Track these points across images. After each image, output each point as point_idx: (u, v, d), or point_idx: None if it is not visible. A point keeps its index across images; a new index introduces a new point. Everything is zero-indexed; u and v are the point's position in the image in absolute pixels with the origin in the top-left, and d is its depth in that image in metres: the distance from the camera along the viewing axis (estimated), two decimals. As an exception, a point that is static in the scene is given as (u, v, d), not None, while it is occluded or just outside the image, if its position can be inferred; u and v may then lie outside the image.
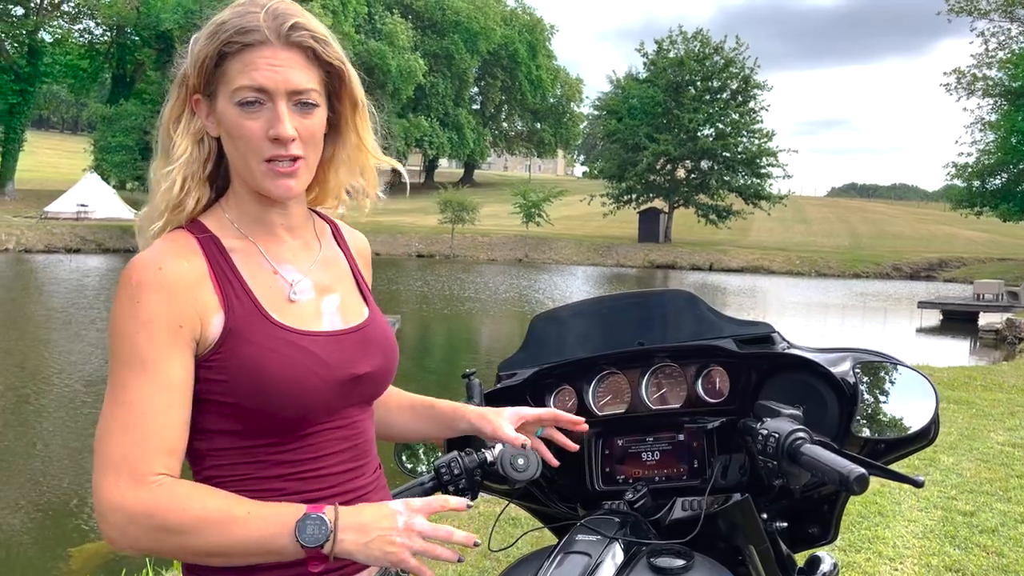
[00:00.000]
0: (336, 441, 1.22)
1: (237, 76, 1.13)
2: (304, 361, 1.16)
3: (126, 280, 1.12)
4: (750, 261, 43.69)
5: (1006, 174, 39.93)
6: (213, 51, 1.14)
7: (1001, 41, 37.74)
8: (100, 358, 12.69)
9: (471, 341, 18.17)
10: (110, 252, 35.86)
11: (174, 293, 1.11)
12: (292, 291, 1.22)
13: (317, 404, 1.18)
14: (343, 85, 1.21)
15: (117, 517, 1.06)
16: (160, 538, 1.06)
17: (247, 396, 1.13)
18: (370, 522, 1.09)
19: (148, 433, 1.08)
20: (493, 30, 67.27)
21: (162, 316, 1.10)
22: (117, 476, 1.06)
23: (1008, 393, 8.66)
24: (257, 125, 1.14)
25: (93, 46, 48.70)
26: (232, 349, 1.13)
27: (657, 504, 1.59)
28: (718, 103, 50.88)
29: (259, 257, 1.22)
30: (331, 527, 1.07)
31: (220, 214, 1.23)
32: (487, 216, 49.25)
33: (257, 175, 1.17)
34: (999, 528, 4.44)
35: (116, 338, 1.11)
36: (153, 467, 1.08)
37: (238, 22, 1.13)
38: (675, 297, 1.75)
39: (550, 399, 1.75)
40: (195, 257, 1.16)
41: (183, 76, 1.19)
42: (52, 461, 7.45)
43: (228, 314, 1.14)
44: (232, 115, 1.14)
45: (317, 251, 1.30)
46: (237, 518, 1.07)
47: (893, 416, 1.53)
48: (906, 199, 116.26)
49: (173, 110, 1.21)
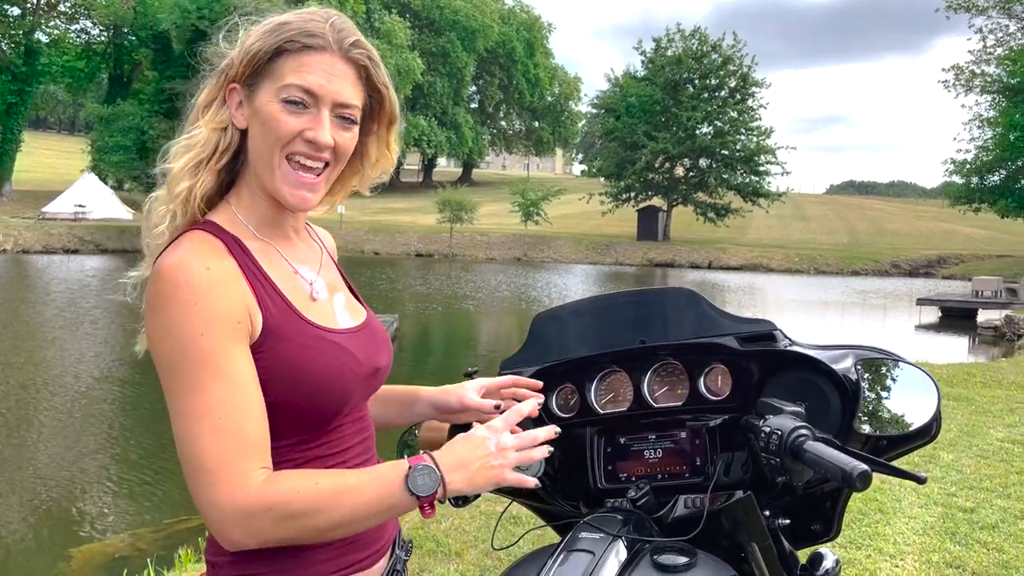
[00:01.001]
0: (353, 434, 1.25)
1: (289, 73, 1.15)
2: (340, 356, 1.19)
3: (174, 283, 1.09)
4: (749, 259, 43.68)
5: (1004, 170, 39.94)
6: (271, 45, 1.16)
7: (999, 38, 37.79)
8: (99, 358, 12.69)
9: (470, 340, 18.16)
10: (108, 253, 35.79)
11: (226, 290, 1.11)
12: (313, 290, 1.25)
13: (351, 397, 1.22)
14: (382, 107, 1.25)
15: (238, 518, 1.06)
16: (285, 526, 1.07)
17: (288, 394, 1.14)
18: (468, 456, 1.14)
19: (238, 433, 1.08)
20: (491, 28, 67.23)
21: (222, 314, 1.09)
22: (221, 481, 1.06)
23: (1007, 390, 8.67)
24: (296, 122, 1.15)
25: (90, 46, 48.62)
26: (271, 348, 1.14)
27: (659, 502, 1.59)
28: (716, 101, 50.86)
29: (279, 257, 1.23)
30: (439, 472, 1.10)
31: (231, 213, 1.23)
32: (486, 215, 49.24)
33: (277, 178, 1.17)
34: (999, 524, 4.44)
35: (178, 343, 1.08)
36: (252, 464, 1.08)
37: (303, 25, 1.17)
38: (677, 295, 1.75)
39: (552, 397, 1.75)
40: (228, 257, 1.16)
41: (226, 65, 1.20)
42: (51, 462, 7.45)
43: (265, 314, 1.15)
44: (273, 109, 1.16)
45: (319, 252, 1.34)
46: (351, 487, 1.09)
47: (895, 413, 1.53)
48: (904, 196, 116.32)
49: (207, 96, 1.22)
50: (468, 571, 3.80)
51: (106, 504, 6.44)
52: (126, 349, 14.09)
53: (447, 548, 4.02)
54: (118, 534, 5.67)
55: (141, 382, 11.10)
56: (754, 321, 1.63)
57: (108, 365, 12.34)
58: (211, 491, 1.06)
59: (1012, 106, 37.78)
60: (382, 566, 1.27)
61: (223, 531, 1.07)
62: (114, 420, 9.13)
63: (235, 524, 1.06)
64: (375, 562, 1.26)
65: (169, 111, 38.69)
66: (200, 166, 1.20)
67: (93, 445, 8.05)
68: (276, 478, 1.09)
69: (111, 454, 7.79)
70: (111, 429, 8.73)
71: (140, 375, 11.55)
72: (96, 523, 6.02)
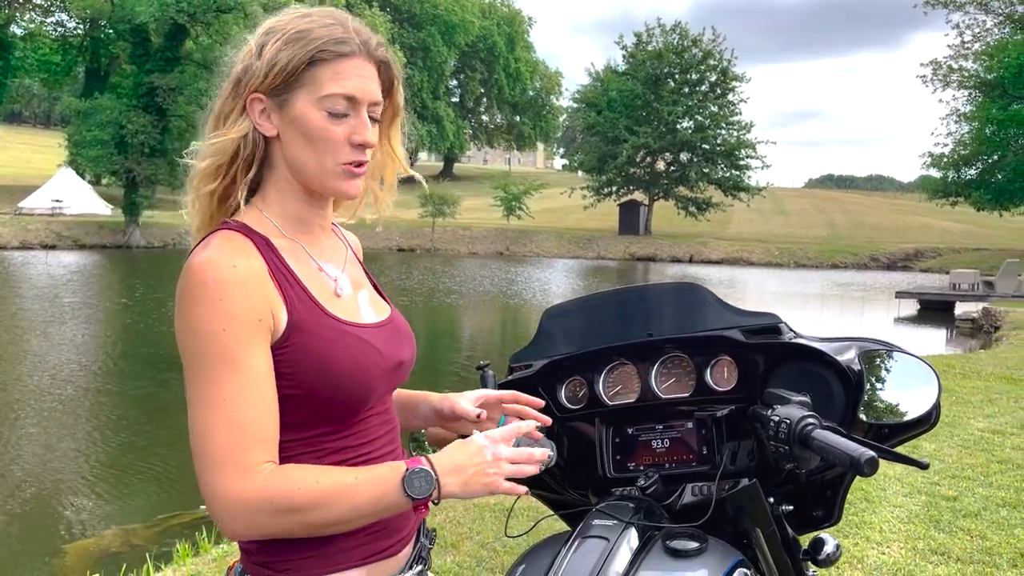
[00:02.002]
0: (379, 426, 1.29)
1: (327, 83, 1.19)
2: (364, 350, 1.23)
3: (201, 280, 1.13)
4: (730, 253, 43.98)
5: (980, 164, 40.41)
6: (304, 57, 1.19)
7: (976, 33, 38.16)
8: (81, 355, 12.60)
9: (454, 334, 18.17)
10: (87, 248, 35.47)
11: (250, 289, 1.15)
12: (337, 287, 1.29)
13: (376, 390, 1.25)
14: (391, 99, 1.30)
15: (238, 509, 1.10)
16: (283, 520, 1.11)
17: (315, 386, 1.18)
18: (464, 462, 1.19)
19: (248, 426, 1.12)
20: (471, 23, 67.08)
21: (245, 312, 1.13)
22: (227, 471, 1.11)
23: (986, 381, 8.82)
24: (342, 130, 1.21)
25: (66, 39, 47.97)
26: (298, 343, 1.18)
27: (668, 490, 1.64)
28: (697, 95, 51.09)
29: (305, 255, 1.27)
30: (435, 476, 1.16)
31: (258, 213, 1.26)
32: (468, 209, 49.21)
33: (331, 176, 1.23)
34: (982, 512, 4.54)
35: (199, 337, 1.12)
36: (258, 457, 1.12)
37: (328, 32, 1.20)
38: (683, 289, 1.80)
39: (561, 390, 1.80)
40: (256, 255, 1.19)
41: (243, 73, 1.22)
42: (40, 458, 7.41)
43: (290, 310, 1.19)
44: (318, 119, 1.20)
45: (344, 249, 1.38)
46: (349, 485, 1.14)
47: (896, 402, 1.58)
48: (882, 190, 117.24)
49: (223, 106, 1.25)
50: (464, 562, 3.84)
51: (99, 500, 6.43)
52: (113, 345, 14.01)
53: (443, 540, 4.06)
54: (111, 530, 5.65)
55: (129, 378, 11.05)
56: (759, 314, 1.68)
57: (95, 361, 12.25)
58: (216, 481, 1.10)
59: (989, 101, 38.20)
60: (407, 553, 1.31)
61: (224, 521, 1.12)
62: (103, 416, 9.08)
63: (236, 515, 1.10)
64: (400, 549, 1.29)
65: (148, 105, 38.25)
66: (220, 170, 1.24)
67: (83, 441, 8.01)
68: (279, 472, 1.13)
69: (101, 450, 7.76)
70: (100, 425, 8.68)
71: (129, 371, 11.49)
72: (89, 519, 6.00)
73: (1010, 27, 37.40)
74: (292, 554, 1.20)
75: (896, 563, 3.83)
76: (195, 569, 3.94)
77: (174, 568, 4.01)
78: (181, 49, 39.80)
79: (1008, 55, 35.98)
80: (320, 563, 1.20)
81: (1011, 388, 8.42)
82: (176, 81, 37.79)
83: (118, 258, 32.18)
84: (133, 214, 38.50)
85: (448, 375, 11.47)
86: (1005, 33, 37.84)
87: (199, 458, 1.12)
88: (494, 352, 14.51)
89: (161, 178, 39.33)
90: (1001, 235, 47.17)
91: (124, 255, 33.78)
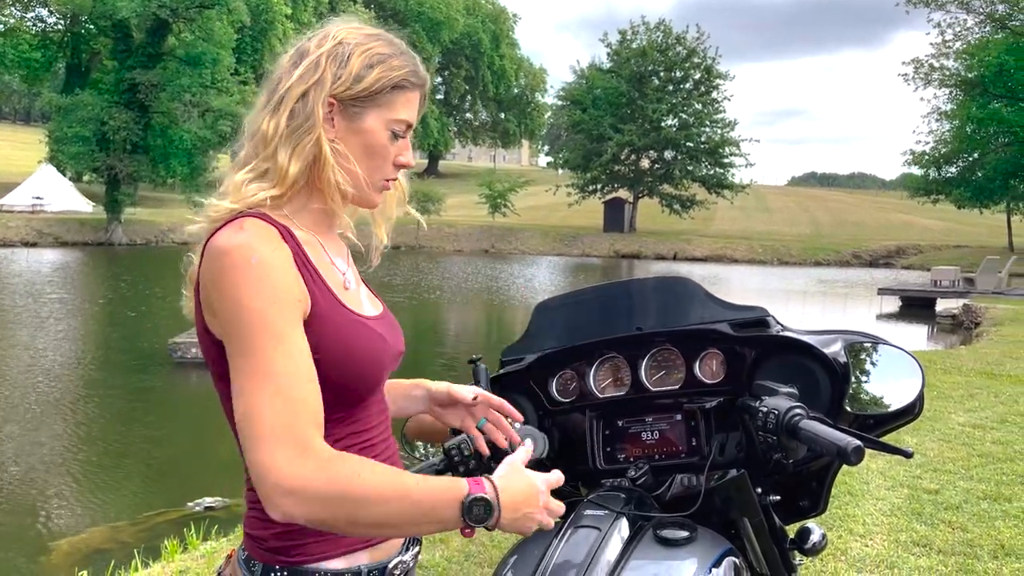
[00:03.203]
0: (377, 414, 1.34)
1: (400, 108, 1.31)
2: (374, 340, 1.29)
3: (245, 260, 1.15)
4: (714, 250, 44.18)
5: (961, 162, 40.82)
6: (390, 82, 1.29)
7: (957, 32, 38.48)
8: (66, 352, 12.51)
9: (440, 332, 18.17)
10: (68, 246, 35.15)
11: (288, 271, 1.19)
12: (346, 280, 1.34)
13: (382, 378, 1.33)
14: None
15: (294, 486, 1.06)
16: (336, 507, 1.08)
17: (334, 371, 1.20)
18: (522, 502, 1.20)
19: (302, 400, 1.11)
20: (456, 20, 66.99)
21: (288, 291, 1.17)
22: (284, 447, 1.08)
23: (967, 376, 8.93)
24: (395, 149, 1.32)
25: (46, 35, 47.48)
26: (320, 330, 1.21)
27: (657, 481, 1.66)
28: (681, 93, 51.27)
29: (320, 249, 1.31)
30: (497, 510, 1.16)
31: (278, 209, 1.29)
32: (453, 207, 49.19)
33: (371, 187, 1.32)
34: (963, 505, 4.61)
35: (246, 314, 1.13)
36: (315, 434, 1.11)
37: (410, 63, 1.32)
38: (672, 283, 1.83)
39: (552, 383, 1.82)
40: (283, 243, 1.23)
41: (324, 78, 1.25)
42: (26, 456, 7.36)
43: (313, 298, 1.23)
44: (383, 138, 1.30)
45: (346, 248, 1.44)
46: (410, 488, 1.13)
47: (881, 393, 1.62)
48: (864, 188, 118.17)
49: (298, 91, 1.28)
50: (453, 556, 3.86)
51: (85, 497, 6.39)
52: (98, 342, 13.92)
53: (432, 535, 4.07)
54: (98, 527, 5.64)
55: (115, 375, 10.99)
56: (747, 308, 1.71)
57: (81, 358, 12.18)
58: (272, 456, 1.07)
59: (969, 99, 38.57)
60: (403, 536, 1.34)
61: (276, 499, 1.07)
62: (89, 413, 9.02)
63: (291, 493, 1.06)
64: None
65: (130, 101, 37.93)
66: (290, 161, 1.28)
67: (68, 438, 7.97)
68: (339, 457, 1.11)
69: (87, 447, 7.71)
70: (86, 422, 8.63)
71: (114, 368, 11.42)
72: (76, 516, 5.98)
73: (991, 26, 37.75)
74: (302, 538, 1.22)
75: (879, 555, 3.89)
76: (184, 565, 3.94)
77: (163, 565, 4.00)
78: (163, 45, 39.48)
79: (988, 54, 36.34)
80: (330, 546, 1.23)
81: (991, 383, 8.53)
82: (158, 77, 37.51)
83: (100, 255, 31.92)
84: (115, 211, 38.13)
85: (433, 372, 11.48)
86: (986, 32, 38.20)
87: (251, 433, 1.09)
88: (480, 349, 14.52)
89: (143, 175, 39.07)
90: (981, 232, 47.65)
91: (106, 252, 33.50)
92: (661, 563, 1.39)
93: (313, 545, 1.23)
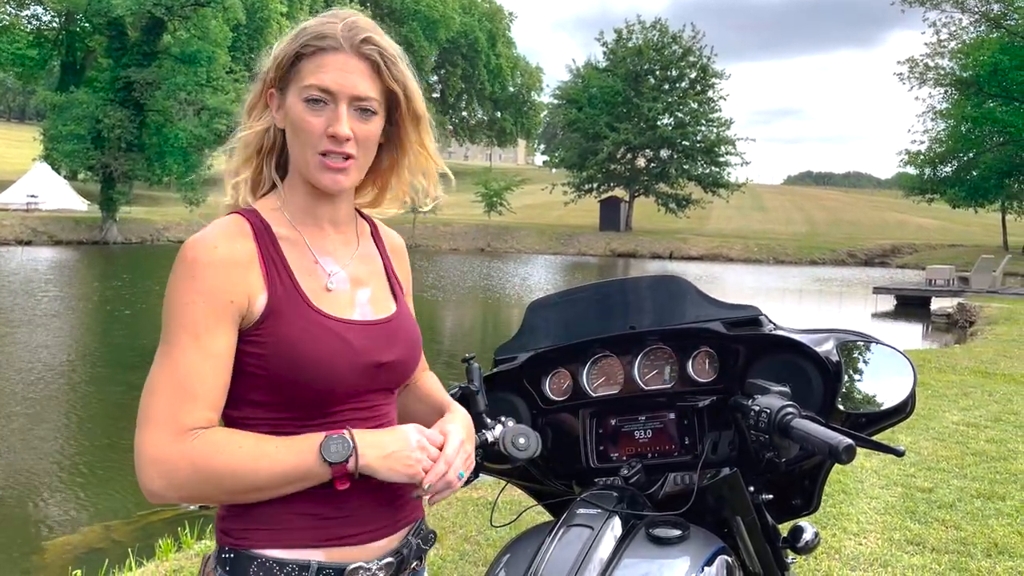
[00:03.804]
0: (357, 422, 1.29)
1: (308, 75, 1.25)
2: (334, 344, 1.26)
3: (183, 257, 1.22)
4: (709, 249, 44.23)
5: (956, 162, 40.89)
6: (292, 51, 1.27)
7: (952, 31, 38.55)
8: (60, 351, 12.48)
9: (437, 330, 18.17)
10: (63, 244, 35.05)
11: (226, 271, 1.21)
12: (329, 281, 1.32)
13: (342, 384, 1.27)
14: (407, 101, 1.34)
15: (160, 468, 1.15)
16: (201, 482, 1.16)
17: (281, 370, 1.23)
18: (387, 439, 1.24)
19: (192, 392, 1.18)
20: (452, 18, 66.92)
21: (215, 290, 1.20)
22: (161, 429, 1.16)
23: (961, 375, 8.95)
24: (318, 121, 1.25)
25: (41, 33, 47.30)
26: (272, 327, 1.23)
27: (650, 479, 1.67)
28: (677, 92, 51.33)
29: (303, 247, 1.32)
30: (352, 443, 1.20)
31: (274, 202, 1.34)
32: (448, 205, 49.01)
33: (311, 166, 1.28)
34: (956, 503, 4.62)
35: (172, 307, 1.20)
36: (195, 420, 1.17)
37: (318, 28, 1.27)
38: (665, 282, 1.83)
39: (545, 382, 1.82)
40: (246, 240, 1.26)
41: (264, 72, 1.31)
42: (19, 454, 7.34)
43: (271, 295, 1.24)
44: (298, 109, 1.26)
45: (355, 247, 1.40)
46: (268, 452, 1.19)
47: (873, 392, 1.62)
48: (860, 187, 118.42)
49: (251, 101, 1.34)
50: (448, 555, 3.86)
51: (78, 496, 6.37)
52: (92, 340, 13.88)
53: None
54: (92, 526, 5.62)
55: (109, 373, 10.96)
56: (740, 307, 1.72)
57: (75, 357, 12.15)
58: (147, 437, 1.16)
59: (964, 99, 38.64)
60: (383, 545, 1.31)
61: (146, 479, 1.16)
62: (82, 412, 9.01)
63: (156, 474, 1.15)
64: (371, 540, 1.30)
65: (125, 99, 37.78)
66: (249, 161, 1.35)
67: (61, 437, 7.95)
68: (205, 436, 1.17)
69: (80, 446, 7.69)
70: (79, 421, 8.61)
71: (108, 367, 11.39)
72: (69, 515, 5.95)
73: (986, 25, 37.82)
74: (246, 524, 1.24)
75: (873, 553, 3.90)
76: (178, 564, 3.93)
77: (156, 563, 4.00)
78: (159, 43, 39.34)
79: (983, 53, 36.41)
80: (270, 536, 1.24)
81: (985, 382, 8.55)
82: (153, 75, 37.38)
83: (95, 254, 31.83)
84: (110, 210, 38.02)
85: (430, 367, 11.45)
86: (981, 31, 38.28)
87: (140, 413, 1.18)
88: (475, 346, 14.52)
89: (138, 174, 38.93)
90: (976, 231, 47.80)
91: (101, 251, 33.41)
92: (654, 562, 1.39)
93: (254, 532, 1.24)
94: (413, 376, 1.49)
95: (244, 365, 1.24)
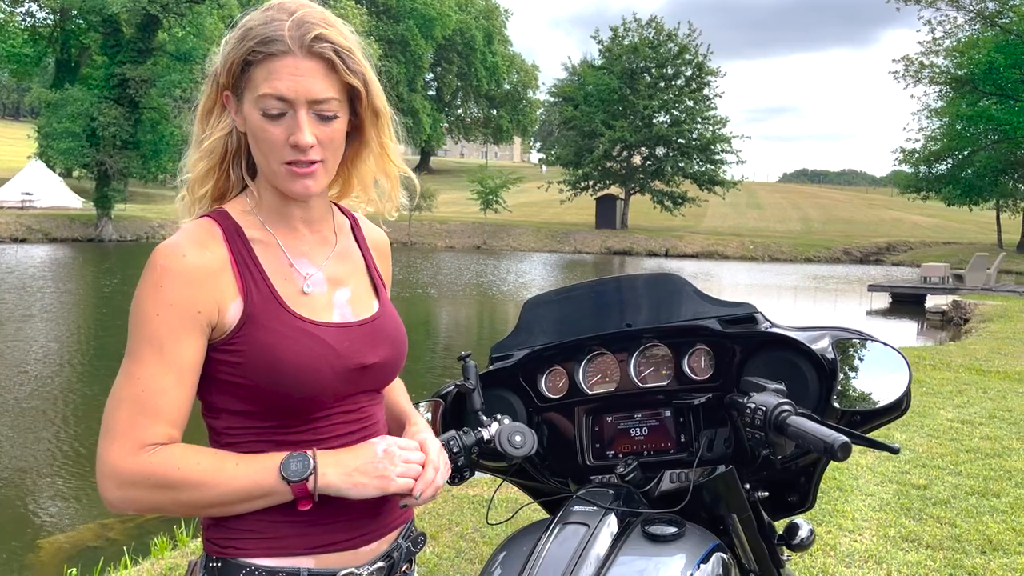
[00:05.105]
0: (342, 425, 1.27)
1: (261, 84, 1.17)
2: (316, 349, 1.22)
3: (152, 265, 1.18)
4: (705, 246, 44.27)
5: (951, 160, 40.99)
6: (240, 57, 1.18)
7: (947, 30, 38.62)
8: (55, 349, 12.45)
9: (432, 328, 18.16)
10: (58, 242, 34.97)
11: (195, 280, 1.17)
12: (306, 284, 1.27)
13: (325, 390, 1.23)
14: (366, 95, 1.24)
15: (117, 480, 1.14)
16: (158, 495, 1.15)
17: (261, 379, 1.19)
18: (348, 457, 1.22)
19: (154, 407, 1.16)
20: (448, 16, 66.86)
21: (182, 302, 1.16)
22: (120, 443, 1.15)
23: (955, 372, 8.97)
24: (279, 131, 1.18)
25: (36, 30, 47.13)
26: (249, 334, 1.19)
27: (646, 477, 1.67)
28: (673, 90, 51.32)
29: (277, 250, 1.27)
30: (312, 462, 1.18)
31: (245, 204, 1.29)
32: (444, 203, 49.09)
33: (278, 176, 1.22)
34: (951, 500, 4.64)
35: (137, 317, 1.17)
36: (155, 436, 1.16)
37: (263, 31, 1.17)
38: (661, 280, 1.83)
39: (542, 379, 1.82)
40: (218, 246, 1.21)
41: (214, 73, 1.24)
42: (14, 453, 7.32)
43: (247, 301, 1.20)
44: (256, 120, 1.18)
45: (333, 245, 1.35)
46: (227, 468, 1.17)
47: (869, 389, 1.62)
48: (855, 185, 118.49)
49: (205, 104, 1.26)
50: (444, 553, 3.86)
51: (74, 495, 6.36)
52: (87, 338, 13.85)
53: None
54: (87, 524, 5.61)
55: (104, 372, 10.92)
56: (736, 304, 1.72)
57: (69, 355, 12.11)
58: (106, 450, 1.15)
59: (959, 97, 38.73)
60: (373, 550, 1.30)
61: (104, 489, 1.16)
62: (77, 410, 8.98)
63: (113, 486, 1.14)
64: (361, 545, 1.28)
65: (120, 97, 37.67)
66: (212, 172, 1.29)
67: (56, 435, 7.93)
68: (164, 450, 1.16)
69: (75, 444, 7.67)
70: (74, 419, 8.59)
71: (103, 365, 11.36)
72: (65, 514, 5.94)
73: (980, 24, 37.89)
74: (234, 532, 1.22)
75: (868, 550, 3.91)
76: (173, 562, 3.93)
77: (152, 561, 4.00)
78: (153, 40, 39.20)
79: (978, 52, 36.48)
80: (259, 545, 1.22)
81: (980, 379, 8.58)
82: (148, 73, 37.26)
83: (90, 251, 31.75)
84: (105, 207, 37.92)
85: (423, 368, 11.47)
86: (976, 30, 38.35)
87: (103, 424, 1.17)
88: (471, 344, 14.53)
89: (133, 171, 38.83)
90: (970, 229, 47.91)
91: (96, 248, 33.33)
92: (649, 559, 1.39)
93: (242, 540, 1.22)
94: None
95: (223, 374, 1.20)
